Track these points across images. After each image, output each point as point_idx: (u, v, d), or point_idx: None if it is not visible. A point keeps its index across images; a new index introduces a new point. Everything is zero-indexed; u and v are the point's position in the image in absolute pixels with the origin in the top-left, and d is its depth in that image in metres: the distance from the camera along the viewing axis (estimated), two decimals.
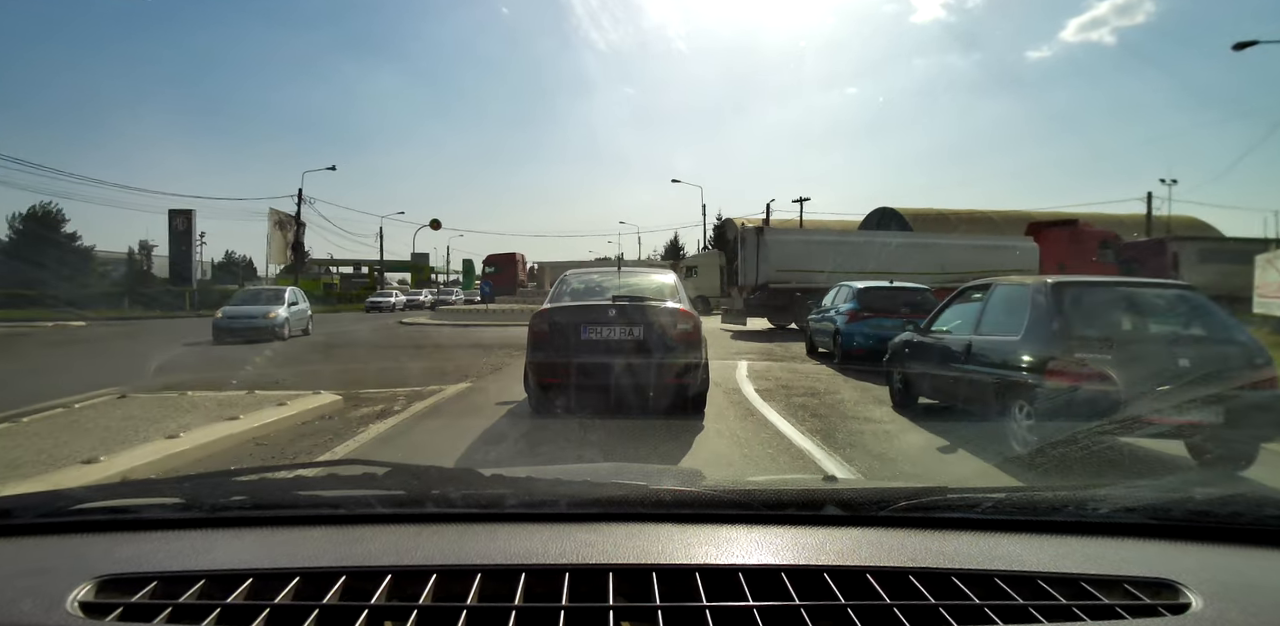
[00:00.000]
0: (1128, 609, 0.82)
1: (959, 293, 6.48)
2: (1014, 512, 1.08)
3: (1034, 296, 5.04)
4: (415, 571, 0.87)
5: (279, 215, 42.01)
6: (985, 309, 5.65)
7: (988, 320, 5.57)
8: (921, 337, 6.52)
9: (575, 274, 7.59)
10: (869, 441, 5.38)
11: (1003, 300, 5.54)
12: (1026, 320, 4.99)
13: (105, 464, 4.19)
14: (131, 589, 0.85)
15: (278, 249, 43.43)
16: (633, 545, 0.95)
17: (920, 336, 6.56)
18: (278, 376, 9.20)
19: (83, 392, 7.03)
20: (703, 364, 6.04)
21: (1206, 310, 4.97)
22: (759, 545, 0.97)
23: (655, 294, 6.51)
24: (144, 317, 29.33)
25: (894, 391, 7.10)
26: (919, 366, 6.46)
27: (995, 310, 5.55)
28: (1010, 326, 5.17)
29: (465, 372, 9.67)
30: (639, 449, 4.92)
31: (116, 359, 13.16)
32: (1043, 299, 4.93)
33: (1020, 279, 5.69)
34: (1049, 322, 4.79)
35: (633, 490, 1.13)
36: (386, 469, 1.17)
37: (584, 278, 7.32)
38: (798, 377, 9.20)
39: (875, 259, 18.64)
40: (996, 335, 5.34)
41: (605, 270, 8.03)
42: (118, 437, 5.03)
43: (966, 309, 6.08)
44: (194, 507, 1.08)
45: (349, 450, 5.03)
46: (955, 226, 41.89)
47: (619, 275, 7.15)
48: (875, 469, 4.60)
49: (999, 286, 5.71)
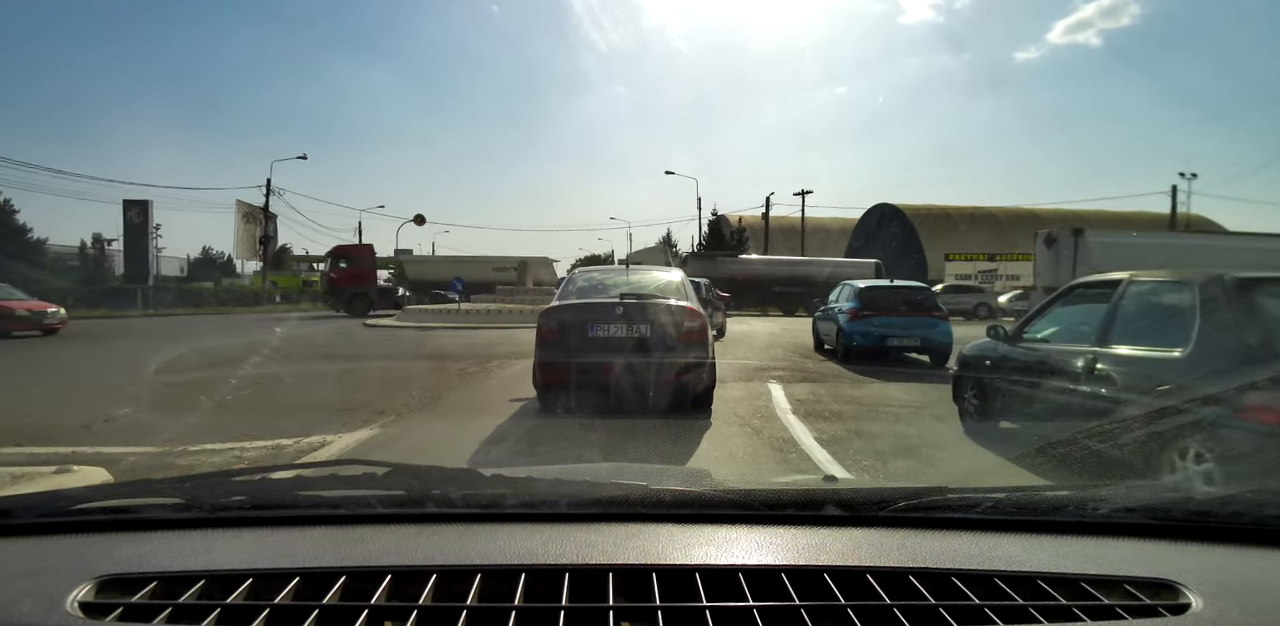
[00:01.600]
0: (1128, 609, 0.82)
1: (1066, 291, 5.14)
2: (1014, 513, 1.08)
3: (1203, 297, 3.73)
4: (415, 571, 0.87)
5: (246, 207, 39.37)
6: (1116, 312, 4.35)
7: (1123, 328, 4.26)
8: (1010, 347, 5.22)
9: (582, 272, 7.56)
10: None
11: (1147, 301, 4.30)
12: (1195, 330, 3.66)
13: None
14: (131, 589, 0.85)
15: (245, 243, 40.70)
16: (633, 545, 0.96)
17: (1008, 345, 5.25)
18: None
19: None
20: (710, 362, 6.03)
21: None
22: (759, 545, 0.97)
23: (662, 292, 6.51)
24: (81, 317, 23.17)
25: (965, 412, 5.78)
26: (1006, 384, 5.19)
27: (1133, 314, 4.29)
28: (1164, 337, 3.89)
29: (387, 404, 6.56)
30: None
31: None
32: (1220, 302, 3.66)
33: (1172, 273, 4.31)
34: (1233, 334, 3.54)
35: (633, 490, 1.13)
36: (387, 469, 1.18)
37: (591, 276, 7.33)
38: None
39: (1204, 260, 17.52)
40: (1140, 348, 4.03)
41: (612, 268, 8.08)
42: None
43: (1082, 312, 4.80)
44: (194, 507, 1.08)
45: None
46: (957, 224, 41.80)
47: (626, 273, 7.15)
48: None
49: (1135, 283, 4.38)
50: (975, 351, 5.74)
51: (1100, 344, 4.25)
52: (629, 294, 6.17)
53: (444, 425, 5.92)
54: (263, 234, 38.93)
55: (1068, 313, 4.99)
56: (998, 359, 5.31)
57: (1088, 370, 4.20)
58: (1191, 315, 3.71)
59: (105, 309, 29.53)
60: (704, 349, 5.98)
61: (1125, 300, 4.33)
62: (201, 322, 24.59)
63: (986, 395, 5.43)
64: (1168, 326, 3.89)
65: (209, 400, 6.79)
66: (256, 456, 4.71)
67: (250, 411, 6.37)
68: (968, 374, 5.75)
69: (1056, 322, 5.02)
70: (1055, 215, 39.18)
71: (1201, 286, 3.79)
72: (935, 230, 42.72)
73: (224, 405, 6.67)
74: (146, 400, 6.97)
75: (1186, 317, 3.74)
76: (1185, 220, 36.59)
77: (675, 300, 6.27)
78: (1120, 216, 40.78)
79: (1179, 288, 4.03)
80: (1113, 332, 4.24)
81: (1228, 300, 3.63)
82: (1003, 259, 35.26)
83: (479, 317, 21.64)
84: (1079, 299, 4.94)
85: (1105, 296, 4.48)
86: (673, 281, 6.87)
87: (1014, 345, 5.19)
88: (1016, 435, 5.16)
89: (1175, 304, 3.96)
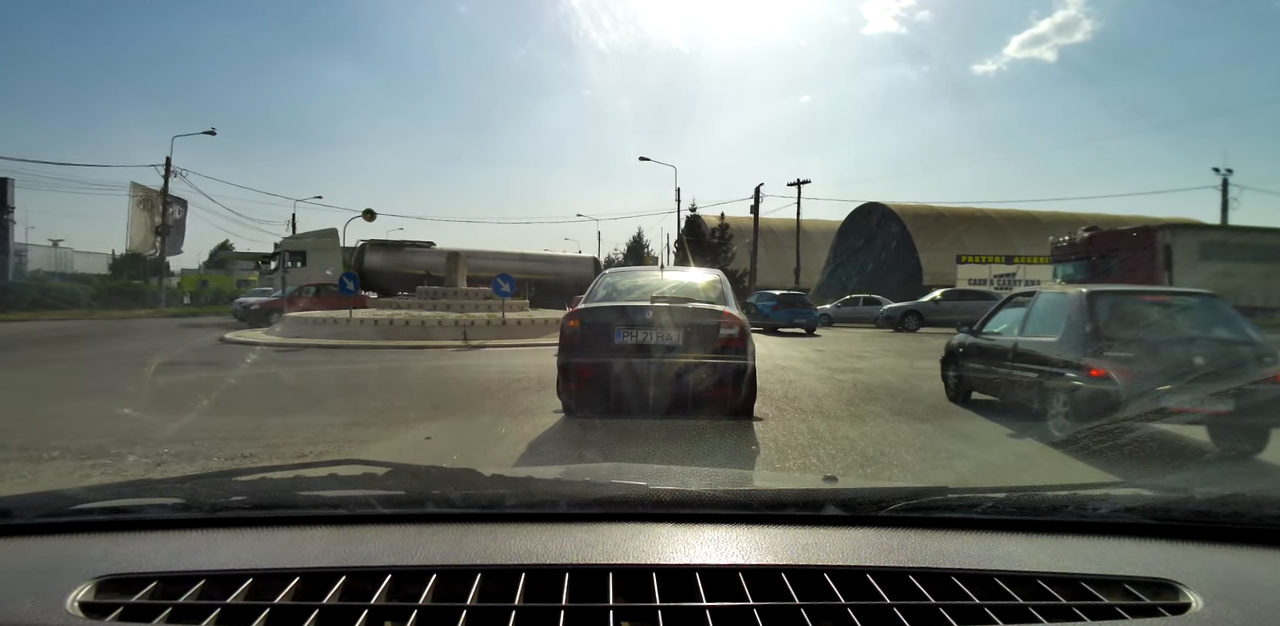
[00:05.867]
0: (1128, 609, 0.82)
1: (1007, 299, 7.34)
2: (1014, 512, 1.08)
3: (1070, 303, 5.87)
4: (415, 571, 0.87)
5: (143, 191, 32.76)
6: (1030, 313, 6.58)
7: (1032, 323, 6.51)
8: (975, 338, 7.25)
9: (614, 272, 7.22)
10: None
11: (1045, 305, 6.39)
12: (1064, 323, 5.85)
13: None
14: (131, 589, 0.85)
15: (139, 233, 34.34)
16: (632, 545, 0.96)
17: (973, 337, 7.27)
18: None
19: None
20: (749, 373, 5.60)
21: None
22: (759, 545, 0.97)
23: (698, 295, 6.13)
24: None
25: (948, 385, 7.65)
26: (972, 363, 7.22)
27: (1038, 313, 6.50)
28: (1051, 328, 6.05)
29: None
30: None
31: None
32: (1078, 305, 5.71)
33: (1061, 287, 6.70)
34: (1083, 325, 5.57)
35: (633, 490, 1.13)
36: (387, 469, 1.18)
37: (623, 276, 7.01)
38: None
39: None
40: (1038, 336, 6.13)
41: (645, 269, 7.74)
42: None
43: (1014, 313, 6.91)
44: (194, 507, 1.08)
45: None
46: (954, 226, 40.80)
47: (661, 273, 6.85)
48: None
49: (1042, 294, 6.59)
50: (955, 342, 7.74)
51: (1020, 334, 6.33)
52: (660, 296, 5.83)
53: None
54: (162, 222, 32.36)
55: (1008, 313, 7.05)
56: (968, 346, 7.29)
57: (1013, 351, 6.25)
58: (1062, 314, 5.78)
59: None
60: (742, 357, 5.53)
61: (1035, 304, 6.42)
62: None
63: (961, 373, 7.42)
64: (1053, 321, 5.89)
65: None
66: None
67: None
68: (949, 358, 7.73)
69: (1002, 321, 7.05)
70: (1054, 218, 38.70)
71: (1071, 296, 5.83)
72: (930, 232, 40.21)
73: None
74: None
75: (1061, 315, 5.79)
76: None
77: (711, 304, 5.90)
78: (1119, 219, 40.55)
79: (1062, 296, 6.05)
80: (1027, 326, 6.30)
81: (1082, 305, 5.60)
82: (1021, 261, 32.29)
83: (374, 333, 15.19)
84: (1014, 304, 7.06)
85: (1025, 302, 6.67)
86: (710, 283, 6.49)
87: (977, 337, 7.18)
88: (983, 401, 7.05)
89: (1058, 306, 5.98)
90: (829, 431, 5.56)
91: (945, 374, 7.74)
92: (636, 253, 55.09)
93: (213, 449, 4.75)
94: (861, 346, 15.07)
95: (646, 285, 6.42)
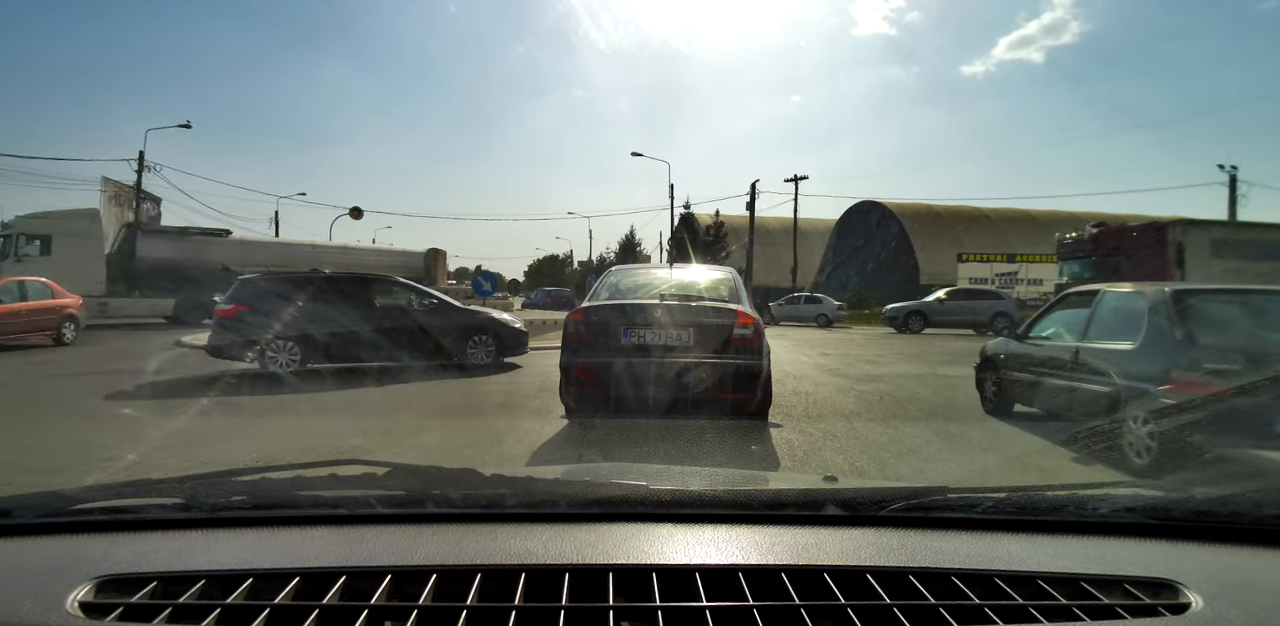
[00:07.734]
0: (1128, 609, 0.82)
1: (1060, 299, 6.44)
2: (1014, 512, 1.08)
3: (1150, 304, 4.97)
4: (415, 571, 0.87)
5: (115, 186, 29.91)
6: (1094, 316, 5.64)
7: (1097, 327, 5.70)
8: (1019, 344, 6.44)
9: (621, 269, 6.99)
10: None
11: (1114, 307, 5.62)
12: (1144, 329, 5.06)
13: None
14: (131, 589, 0.85)
15: (110, 229, 29.85)
16: (632, 545, 0.96)
17: (1018, 342, 6.47)
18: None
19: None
20: (764, 375, 5.31)
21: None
22: (759, 545, 0.97)
23: (710, 293, 5.91)
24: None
25: (985, 397, 6.89)
26: (1018, 373, 6.41)
27: (1105, 316, 5.73)
28: (1125, 334, 5.24)
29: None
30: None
31: None
32: (1161, 307, 4.84)
33: (1133, 286, 5.62)
34: (1169, 331, 4.71)
35: (632, 490, 1.13)
36: (387, 469, 1.18)
37: (631, 273, 6.78)
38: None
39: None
40: (1108, 342, 5.38)
41: (654, 265, 7.43)
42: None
43: (1071, 315, 6.00)
44: (194, 507, 1.08)
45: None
46: (952, 225, 40.57)
47: (670, 271, 6.52)
48: None
49: (1108, 293, 5.78)
50: (993, 348, 6.93)
51: (1082, 339, 5.46)
52: (670, 294, 5.59)
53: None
54: (135, 219, 29.35)
55: (1061, 315, 6.17)
56: (1011, 354, 6.46)
57: (1073, 360, 5.39)
58: (1141, 316, 4.90)
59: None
60: (756, 359, 5.25)
61: (1100, 305, 5.52)
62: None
63: (1001, 383, 6.57)
64: (1127, 325, 5.04)
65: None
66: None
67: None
68: (986, 365, 6.88)
69: (1053, 324, 6.17)
70: (1052, 217, 38.59)
71: (1150, 295, 4.98)
72: (928, 231, 39.85)
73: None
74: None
75: (1140, 319, 4.91)
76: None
77: (723, 302, 5.65)
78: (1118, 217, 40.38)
79: (1137, 296, 5.18)
80: (1090, 330, 5.44)
81: (1167, 306, 4.74)
82: (1023, 260, 31.77)
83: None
84: (1068, 305, 6.17)
85: (1085, 303, 5.75)
86: (721, 281, 6.26)
87: (1023, 342, 6.34)
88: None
89: (1133, 309, 5.11)
90: (875, 467, 4.54)
91: (981, 383, 6.92)
92: (629, 251, 53.98)
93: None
94: (872, 351, 14.38)
95: (654, 283, 6.16)
